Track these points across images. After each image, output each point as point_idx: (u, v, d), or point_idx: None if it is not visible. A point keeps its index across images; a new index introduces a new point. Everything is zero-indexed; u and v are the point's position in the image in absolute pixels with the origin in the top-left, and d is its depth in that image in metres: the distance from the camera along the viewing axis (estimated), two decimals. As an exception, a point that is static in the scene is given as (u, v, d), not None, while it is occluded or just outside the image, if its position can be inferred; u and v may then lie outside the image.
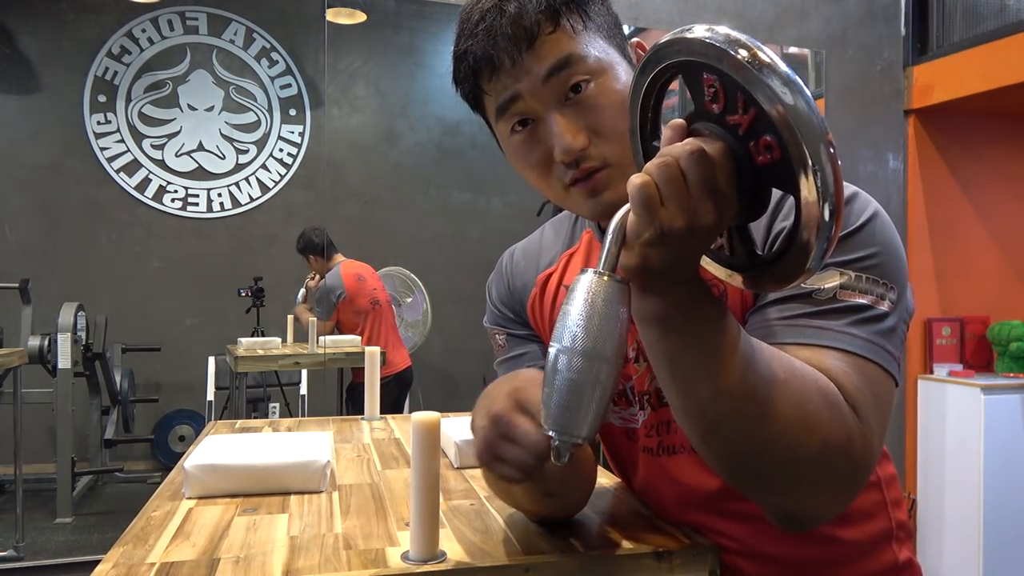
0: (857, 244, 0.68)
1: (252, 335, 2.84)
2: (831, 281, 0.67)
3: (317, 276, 2.87)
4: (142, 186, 2.78)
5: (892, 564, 0.80)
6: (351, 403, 2.88)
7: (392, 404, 2.81)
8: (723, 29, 0.52)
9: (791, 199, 0.52)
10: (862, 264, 0.67)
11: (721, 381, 0.56)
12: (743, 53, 0.50)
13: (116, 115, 2.75)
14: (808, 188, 0.49)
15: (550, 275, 0.87)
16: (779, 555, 0.77)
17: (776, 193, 0.54)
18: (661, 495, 0.81)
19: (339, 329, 2.86)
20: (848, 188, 0.69)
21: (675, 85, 0.60)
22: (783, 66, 0.48)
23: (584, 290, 0.53)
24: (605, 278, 0.53)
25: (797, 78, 0.48)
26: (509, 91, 0.70)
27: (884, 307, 0.67)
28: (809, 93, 0.48)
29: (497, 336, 0.90)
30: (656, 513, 0.83)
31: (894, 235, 0.70)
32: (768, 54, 0.49)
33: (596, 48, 0.70)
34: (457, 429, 1.11)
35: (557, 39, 0.69)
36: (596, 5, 0.73)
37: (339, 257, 2.89)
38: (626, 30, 3.29)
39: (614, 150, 0.69)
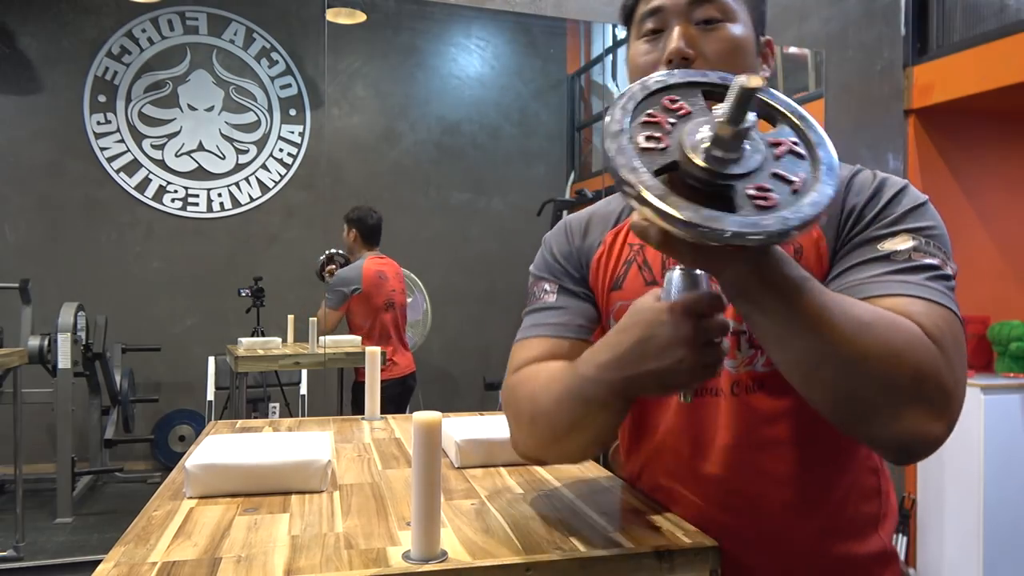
0: (923, 215, 0.79)
1: (252, 335, 2.84)
2: (905, 243, 0.76)
3: (333, 261, 2.83)
4: (142, 186, 2.78)
5: (881, 551, 0.86)
6: (356, 401, 2.88)
7: (395, 408, 2.81)
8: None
9: (860, 181, 0.81)
10: (929, 232, 0.77)
11: (810, 333, 0.65)
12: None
13: (116, 115, 2.75)
14: None
15: (617, 233, 0.93)
16: (778, 528, 0.83)
17: (843, 174, 0.77)
18: (680, 443, 0.87)
19: (349, 323, 2.85)
20: (881, 173, 0.84)
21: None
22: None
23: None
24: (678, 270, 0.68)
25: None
26: (657, 2, 0.84)
27: (949, 270, 0.76)
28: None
29: (545, 285, 0.94)
30: (668, 470, 0.88)
31: (937, 214, 0.81)
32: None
33: (739, 6, 0.84)
34: (458, 429, 1.11)
35: None
36: None
37: (370, 251, 2.89)
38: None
39: None
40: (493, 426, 1.16)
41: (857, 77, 3.21)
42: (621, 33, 3.35)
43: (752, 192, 0.61)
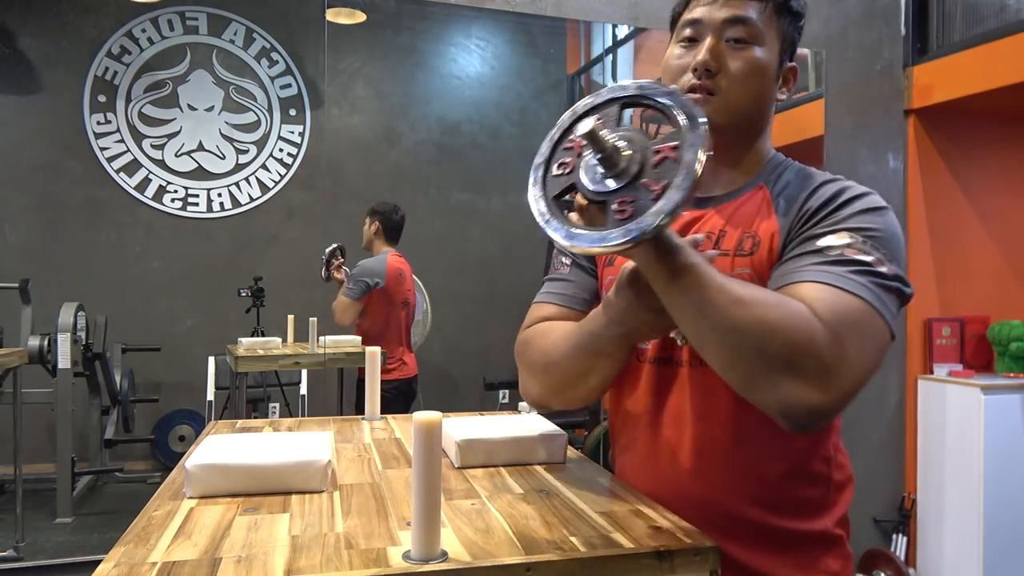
0: (870, 219, 0.84)
1: (252, 335, 2.84)
2: (841, 240, 0.82)
3: (341, 254, 2.81)
4: (142, 186, 2.78)
5: (822, 532, 0.94)
6: (361, 401, 2.88)
7: (402, 408, 2.80)
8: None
9: (827, 188, 0.90)
10: (870, 233, 0.83)
11: (692, 308, 0.76)
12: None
13: (116, 115, 2.75)
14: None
15: None
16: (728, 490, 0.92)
17: (817, 181, 0.91)
18: (640, 412, 0.99)
19: (362, 317, 2.84)
20: (861, 186, 0.90)
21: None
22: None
23: None
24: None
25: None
26: (697, 15, 0.94)
27: (884, 268, 0.81)
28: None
29: (563, 258, 1.08)
30: (628, 439, 1.02)
31: (899, 228, 0.87)
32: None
33: (769, 33, 0.94)
34: (458, 429, 1.11)
35: (755, 6, 0.93)
36: (792, 18, 0.98)
37: (390, 247, 2.90)
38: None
39: (727, 88, 0.92)
40: (493, 426, 1.16)
41: (857, 77, 3.21)
42: (621, 33, 3.35)
43: (615, 207, 0.72)
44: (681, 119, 0.74)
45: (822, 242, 0.83)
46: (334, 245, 2.81)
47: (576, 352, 0.94)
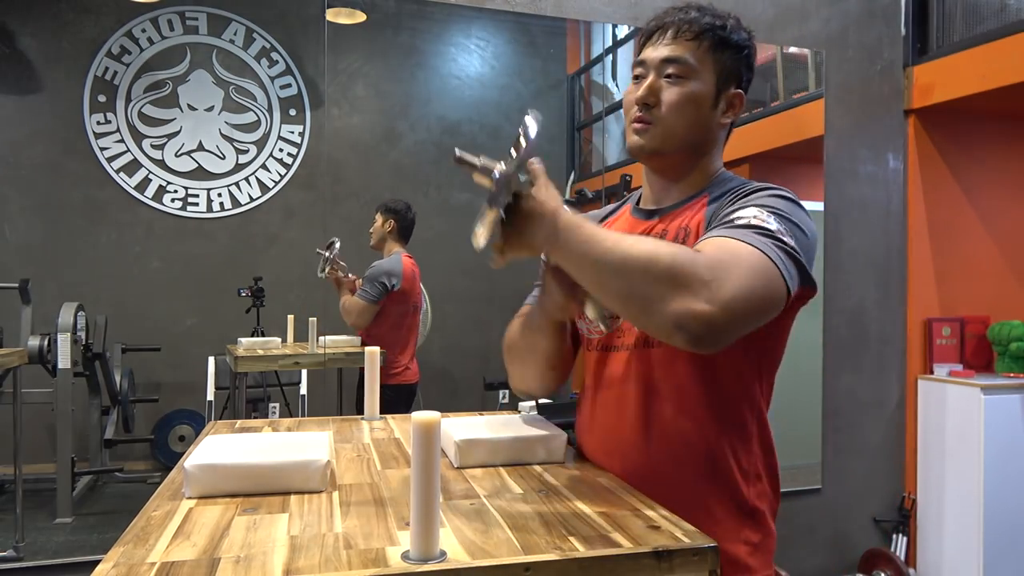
0: (782, 203, 0.99)
1: (252, 335, 2.84)
2: (749, 212, 0.95)
3: (337, 255, 2.78)
4: (142, 186, 2.78)
5: (741, 502, 1.05)
6: (360, 400, 2.87)
7: (405, 411, 2.79)
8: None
9: (747, 187, 1.06)
10: (775, 209, 0.97)
11: (585, 256, 0.89)
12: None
13: (116, 115, 2.75)
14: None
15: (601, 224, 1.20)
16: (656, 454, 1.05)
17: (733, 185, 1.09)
18: (593, 395, 1.15)
19: (375, 320, 2.82)
20: (779, 188, 1.04)
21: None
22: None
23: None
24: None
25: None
26: (643, 56, 1.12)
27: (786, 239, 0.93)
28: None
29: (543, 267, 1.22)
30: (583, 422, 1.17)
31: (809, 220, 1.01)
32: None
33: (704, 68, 1.09)
34: (457, 429, 1.11)
35: (689, 48, 1.09)
36: (732, 51, 1.11)
37: (402, 246, 2.88)
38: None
39: (663, 117, 1.09)
40: (493, 426, 1.16)
41: (857, 77, 3.21)
42: (621, 33, 3.35)
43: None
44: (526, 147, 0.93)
45: (733, 216, 0.96)
46: (334, 239, 2.80)
47: (521, 332, 1.19)
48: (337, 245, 2.79)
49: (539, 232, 0.90)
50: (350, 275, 2.81)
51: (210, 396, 2.72)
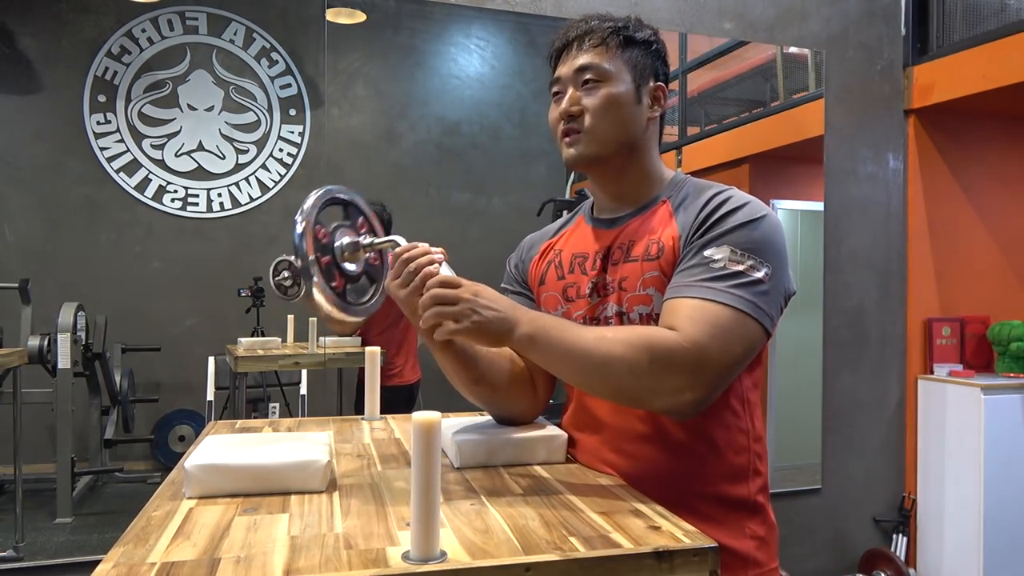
0: (747, 232, 1.00)
1: (252, 335, 2.84)
2: (723, 253, 0.98)
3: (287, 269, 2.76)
4: (142, 186, 2.78)
5: (745, 498, 1.06)
6: (360, 400, 2.87)
7: (406, 410, 2.79)
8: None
9: (716, 199, 1.06)
10: (747, 246, 0.99)
11: (567, 359, 0.95)
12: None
13: (116, 115, 2.75)
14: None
15: (551, 244, 1.25)
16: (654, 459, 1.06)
17: (709, 194, 1.09)
18: (585, 397, 1.14)
19: (369, 328, 2.82)
20: (745, 196, 1.06)
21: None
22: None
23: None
24: None
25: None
26: (558, 73, 1.15)
27: (758, 275, 0.98)
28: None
29: (505, 286, 1.30)
30: (576, 420, 1.17)
31: (777, 232, 1.03)
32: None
33: (618, 67, 1.11)
34: (458, 429, 1.11)
35: (597, 54, 1.12)
36: (641, 47, 1.13)
37: None
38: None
39: (590, 124, 1.11)
40: (493, 426, 1.16)
41: (857, 77, 3.21)
42: (621, 33, 3.35)
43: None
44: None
45: (707, 253, 0.99)
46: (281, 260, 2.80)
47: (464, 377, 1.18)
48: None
49: (507, 342, 0.95)
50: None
51: (210, 396, 2.72)
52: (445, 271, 1.04)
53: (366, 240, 1.12)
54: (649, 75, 1.14)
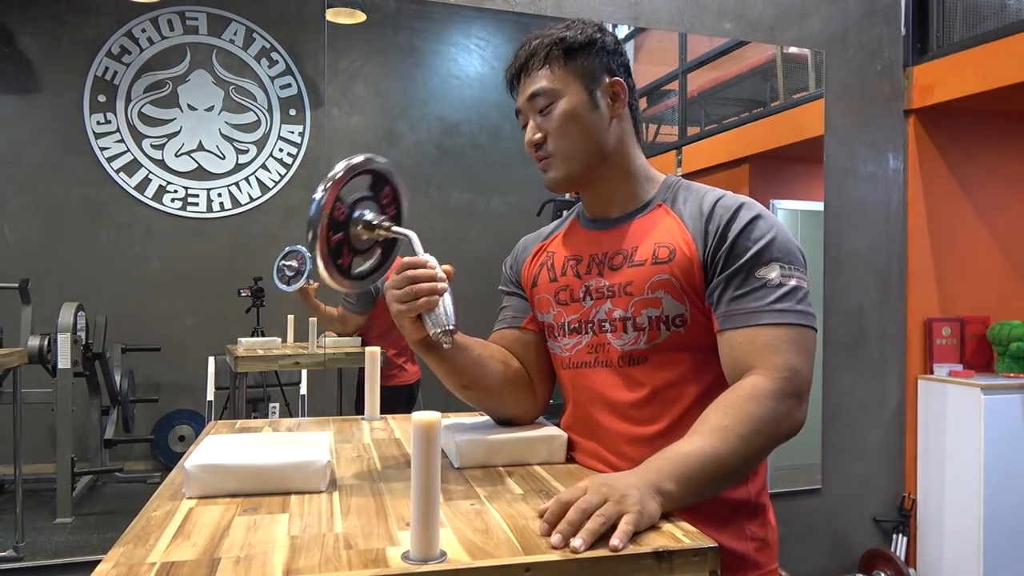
0: (780, 244, 1.03)
1: (252, 335, 2.84)
2: (773, 271, 1.02)
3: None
4: (142, 186, 2.78)
5: (744, 499, 1.07)
6: (360, 401, 2.87)
7: (405, 410, 2.79)
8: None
9: (722, 206, 1.07)
10: (788, 258, 1.03)
11: (710, 480, 0.91)
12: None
13: (116, 115, 2.75)
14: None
15: (544, 246, 1.26)
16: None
17: (709, 200, 1.10)
18: (586, 404, 1.14)
19: (368, 328, 2.81)
20: (740, 197, 1.08)
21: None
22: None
23: None
24: None
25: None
26: (517, 106, 1.19)
27: (804, 284, 1.03)
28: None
29: (503, 288, 1.31)
30: (578, 426, 1.16)
31: (785, 228, 1.06)
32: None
33: (565, 80, 1.11)
34: (457, 429, 1.11)
35: (543, 75, 1.12)
36: (581, 54, 1.11)
37: None
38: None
39: (555, 146, 1.12)
40: (493, 426, 1.16)
41: (857, 77, 3.21)
42: (621, 33, 3.35)
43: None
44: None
45: (760, 273, 1.01)
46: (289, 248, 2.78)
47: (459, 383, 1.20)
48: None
49: (664, 511, 0.84)
50: (310, 281, 2.78)
51: (210, 396, 2.72)
52: (447, 301, 1.04)
53: (381, 222, 1.12)
54: (601, 75, 1.12)
